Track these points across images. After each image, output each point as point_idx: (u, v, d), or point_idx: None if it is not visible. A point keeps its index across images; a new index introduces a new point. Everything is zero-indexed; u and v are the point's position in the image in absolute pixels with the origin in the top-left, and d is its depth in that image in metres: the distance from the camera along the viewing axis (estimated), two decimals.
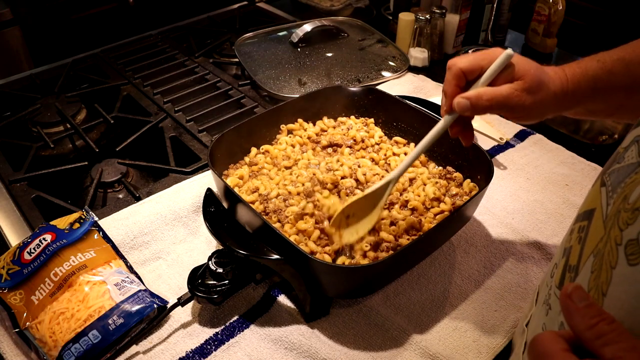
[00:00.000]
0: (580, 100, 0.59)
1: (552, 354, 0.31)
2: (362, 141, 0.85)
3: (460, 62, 0.58)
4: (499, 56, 0.57)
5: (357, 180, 0.76)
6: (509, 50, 0.57)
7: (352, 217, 0.66)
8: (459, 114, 0.59)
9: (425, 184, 0.76)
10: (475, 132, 0.95)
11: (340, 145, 0.84)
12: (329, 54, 1.19)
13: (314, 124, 0.89)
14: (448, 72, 0.59)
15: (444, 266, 0.74)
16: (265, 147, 0.85)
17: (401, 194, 0.75)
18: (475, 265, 0.74)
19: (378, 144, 0.85)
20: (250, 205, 0.69)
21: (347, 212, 0.66)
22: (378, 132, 0.87)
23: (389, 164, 0.81)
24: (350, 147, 0.84)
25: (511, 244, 0.77)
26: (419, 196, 0.74)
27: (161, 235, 0.78)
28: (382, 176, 0.76)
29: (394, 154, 0.83)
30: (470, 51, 1.16)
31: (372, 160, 0.82)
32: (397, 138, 0.86)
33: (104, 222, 0.78)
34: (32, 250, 0.67)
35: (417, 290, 0.70)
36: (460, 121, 0.61)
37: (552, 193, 0.86)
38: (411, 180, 0.78)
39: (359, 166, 0.78)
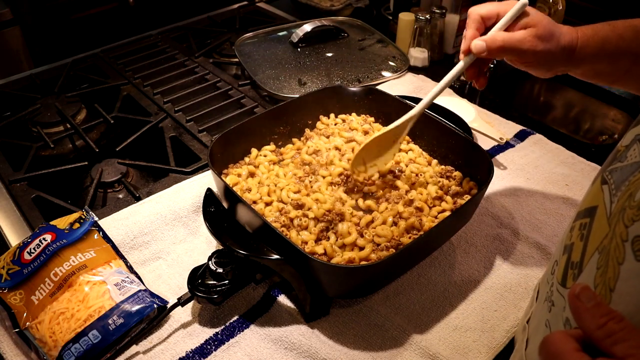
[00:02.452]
0: (588, 58, 0.63)
1: (564, 353, 0.32)
2: (367, 133, 0.85)
3: (480, 8, 0.64)
4: (514, 5, 0.62)
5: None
6: (525, 0, 0.61)
7: (372, 154, 0.74)
8: (476, 56, 0.64)
9: (428, 183, 0.76)
10: (475, 132, 0.96)
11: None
12: (329, 54, 1.19)
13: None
14: (468, 18, 0.65)
15: (444, 266, 0.74)
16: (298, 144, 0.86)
17: (406, 193, 0.75)
18: (475, 265, 0.74)
19: None
20: (250, 205, 0.69)
21: (368, 149, 0.73)
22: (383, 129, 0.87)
23: (397, 163, 0.80)
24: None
25: (511, 244, 0.77)
26: (422, 194, 0.74)
27: (161, 235, 0.78)
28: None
29: (400, 150, 0.83)
30: None
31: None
32: None
33: (104, 222, 0.78)
34: (32, 250, 0.67)
35: (417, 290, 0.70)
36: (476, 65, 0.66)
37: (552, 193, 0.86)
38: (417, 175, 0.78)
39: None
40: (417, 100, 0.88)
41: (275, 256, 0.61)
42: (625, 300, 0.33)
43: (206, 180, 0.87)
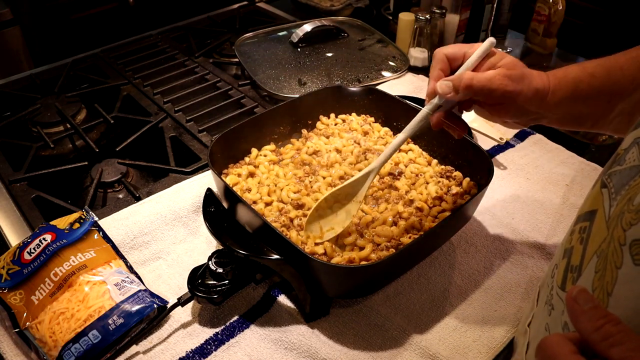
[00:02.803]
0: (562, 102, 0.59)
1: (561, 356, 0.32)
2: (366, 133, 0.85)
3: (445, 49, 0.61)
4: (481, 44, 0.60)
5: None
6: (492, 38, 0.59)
7: (329, 213, 0.69)
8: (442, 98, 0.60)
9: (428, 183, 0.76)
10: (475, 132, 0.96)
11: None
12: (329, 54, 1.19)
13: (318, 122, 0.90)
14: (433, 58, 0.62)
15: (443, 266, 0.74)
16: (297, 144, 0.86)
17: (406, 193, 0.75)
18: (475, 265, 0.74)
19: (383, 137, 0.86)
20: (250, 205, 0.69)
21: (326, 206, 0.68)
22: (383, 129, 0.87)
23: (396, 164, 0.80)
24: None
25: (511, 244, 0.77)
26: (422, 194, 0.74)
27: (161, 235, 0.78)
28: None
29: (400, 150, 0.83)
30: None
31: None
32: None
33: (104, 222, 0.77)
34: (32, 250, 0.67)
35: (417, 290, 0.70)
36: (445, 109, 0.61)
37: (552, 193, 0.86)
38: (417, 175, 0.78)
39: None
40: (417, 100, 0.88)
41: (275, 256, 0.61)
42: (622, 304, 0.34)
43: (206, 180, 0.87)
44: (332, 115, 0.90)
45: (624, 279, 0.33)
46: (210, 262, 0.66)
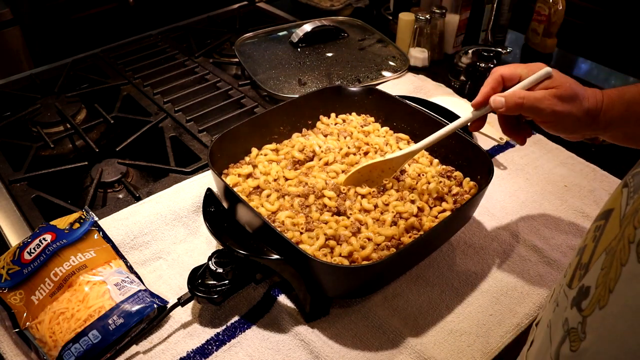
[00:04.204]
0: (615, 121, 0.62)
1: None
2: (367, 135, 0.85)
3: (503, 68, 0.65)
4: (539, 70, 0.62)
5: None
6: (548, 69, 0.62)
7: (364, 178, 0.74)
8: (492, 110, 0.65)
9: (429, 182, 0.76)
10: (475, 132, 0.96)
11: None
12: (329, 54, 1.19)
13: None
14: (490, 76, 0.66)
15: (442, 268, 0.74)
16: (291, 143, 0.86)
17: (409, 192, 0.75)
18: (472, 267, 0.74)
19: (384, 136, 0.86)
20: (250, 205, 0.69)
21: (363, 172, 0.74)
22: (382, 129, 0.87)
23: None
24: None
25: (509, 246, 0.77)
26: (423, 194, 0.74)
27: (161, 235, 0.78)
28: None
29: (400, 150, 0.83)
30: (470, 51, 1.16)
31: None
32: (401, 135, 0.86)
33: (104, 222, 0.78)
34: (32, 250, 0.67)
35: (415, 291, 0.70)
36: (483, 119, 0.68)
37: (551, 194, 0.86)
38: (418, 174, 0.78)
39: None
40: (417, 100, 0.88)
41: (275, 256, 0.61)
42: (621, 301, 0.33)
43: (206, 180, 0.87)
44: (333, 115, 0.90)
45: (626, 276, 0.33)
46: (210, 262, 0.66)
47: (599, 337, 0.34)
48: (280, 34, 1.26)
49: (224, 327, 0.66)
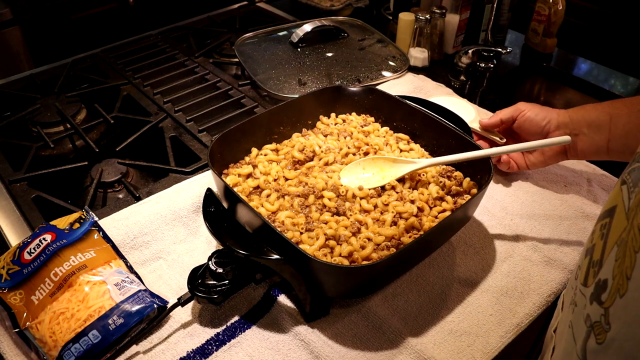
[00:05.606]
0: (620, 156, 0.76)
1: None
2: (367, 135, 0.85)
3: (524, 118, 0.82)
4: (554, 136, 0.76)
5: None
6: (567, 137, 0.71)
7: (367, 171, 0.78)
8: (501, 164, 0.85)
9: (429, 182, 0.76)
10: (475, 132, 0.96)
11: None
12: (329, 54, 1.19)
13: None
14: (515, 111, 0.84)
15: (442, 268, 0.74)
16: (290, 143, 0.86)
17: (409, 192, 0.75)
18: (472, 267, 0.74)
19: (384, 137, 0.86)
20: (250, 205, 0.69)
21: (364, 166, 0.78)
22: (383, 129, 0.87)
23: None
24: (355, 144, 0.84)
25: (509, 246, 0.77)
26: (423, 194, 0.74)
27: (161, 235, 0.78)
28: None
29: (401, 150, 0.83)
30: (470, 51, 1.16)
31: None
32: (401, 135, 0.86)
33: (104, 222, 0.78)
34: (32, 250, 0.67)
35: (415, 291, 0.70)
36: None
37: (551, 194, 0.86)
38: (419, 174, 0.78)
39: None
40: (417, 100, 0.88)
41: (275, 256, 0.61)
42: None
43: (206, 180, 0.87)
44: (333, 115, 0.90)
45: None
46: (210, 262, 0.66)
47: (624, 324, 0.34)
48: (280, 34, 1.26)
49: (224, 327, 0.66)
